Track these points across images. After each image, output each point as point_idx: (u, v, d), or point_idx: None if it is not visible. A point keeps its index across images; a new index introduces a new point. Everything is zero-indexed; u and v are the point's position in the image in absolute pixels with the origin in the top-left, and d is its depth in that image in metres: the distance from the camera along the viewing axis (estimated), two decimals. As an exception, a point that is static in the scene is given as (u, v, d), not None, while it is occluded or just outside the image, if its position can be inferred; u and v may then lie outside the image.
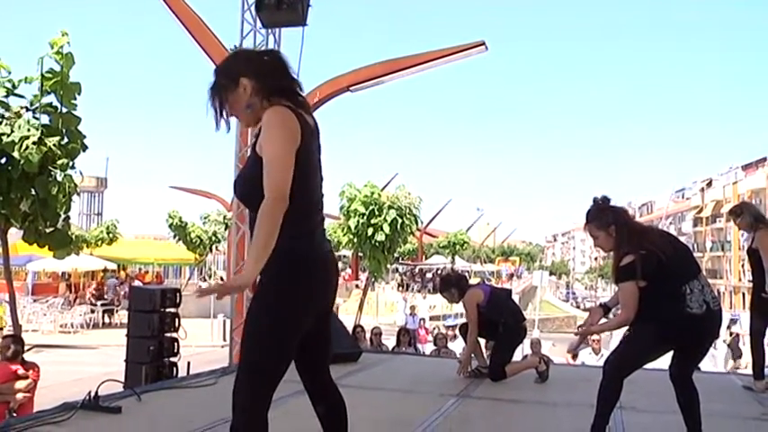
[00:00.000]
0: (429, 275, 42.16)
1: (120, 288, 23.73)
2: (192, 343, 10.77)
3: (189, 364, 6.17)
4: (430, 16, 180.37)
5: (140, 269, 30.39)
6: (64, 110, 7.50)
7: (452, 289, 5.84)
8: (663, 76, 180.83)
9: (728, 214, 5.97)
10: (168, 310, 6.23)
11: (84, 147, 7.64)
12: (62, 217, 7.70)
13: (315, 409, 2.47)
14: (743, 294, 44.93)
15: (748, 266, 5.51)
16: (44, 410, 4.06)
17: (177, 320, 6.33)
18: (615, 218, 3.53)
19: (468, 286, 5.88)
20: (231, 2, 7.31)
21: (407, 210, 18.24)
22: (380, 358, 7.20)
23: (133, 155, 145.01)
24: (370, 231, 17.87)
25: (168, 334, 6.21)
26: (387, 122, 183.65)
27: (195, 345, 12.97)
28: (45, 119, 7.48)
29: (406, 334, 11.48)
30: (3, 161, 7.20)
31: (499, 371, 5.50)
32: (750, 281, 5.34)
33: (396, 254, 25.59)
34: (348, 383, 4.67)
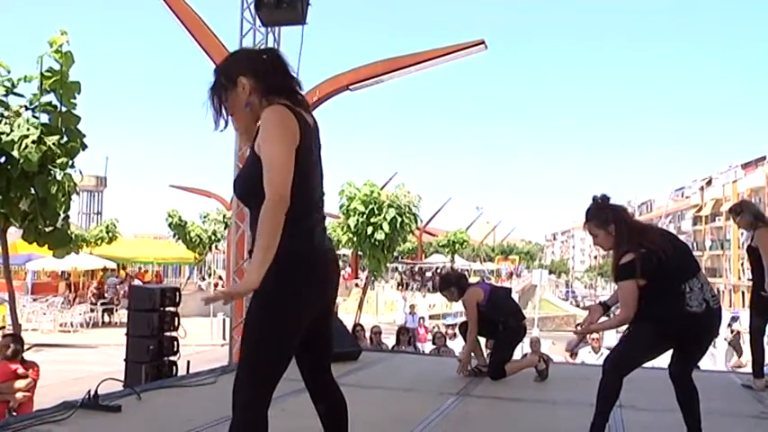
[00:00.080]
0: (429, 274, 42.14)
1: (119, 287, 23.73)
2: (192, 342, 10.76)
3: (189, 363, 6.17)
4: (429, 15, 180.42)
5: (140, 268, 30.37)
6: (63, 109, 7.49)
7: (452, 288, 5.84)
8: (662, 75, 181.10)
9: (728, 213, 5.97)
10: (168, 309, 6.23)
11: (83, 146, 7.63)
12: (61, 216, 7.70)
13: (316, 408, 2.47)
14: (742, 293, 44.96)
15: (748, 265, 5.51)
16: (44, 409, 4.06)
17: (177, 319, 6.33)
18: (615, 216, 3.53)
19: (467, 285, 5.89)
20: (231, 0, 7.32)
21: (407, 208, 18.25)
22: (380, 357, 7.21)
23: (133, 154, 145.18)
24: (369, 230, 17.88)
25: (168, 333, 6.21)
26: (386, 121, 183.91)
27: (195, 344, 12.96)
28: (44, 118, 7.48)
29: (406, 333, 11.49)
30: (2, 160, 7.20)
31: (499, 369, 5.50)
32: (750, 279, 5.34)
33: (395, 253, 25.62)
34: (348, 382, 4.66)
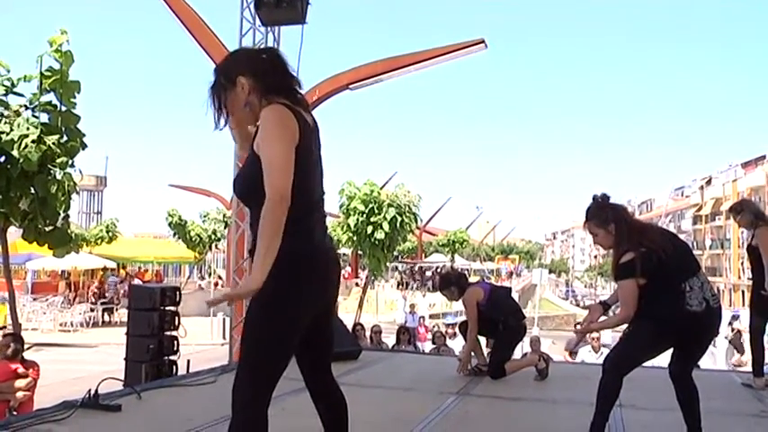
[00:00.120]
0: (429, 274, 42.15)
1: (119, 286, 23.73)
2: (192, 341, 10.76)
3: (189, 363, 6.17)
4: (429, 14, 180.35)
5: (140, 267, 30.36)
6: (63, 108, 7.48)
7: (452, 287, 5.84)
8: (662, 74, 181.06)
9: (729, 211, 5.97)
10: (168, 309, 6.24)
11: (83, 145, 7.62)
12: (61, 215, 7.69)
13: (316, 407, 2.47)
14: (742, 292, 44.96)
15: (748, 264, 5.51)
16: (44, 409, 4.06)
17: (177, 319, 6.34)
18: (615, 215, 3.53)
19: (467, 284, 5.89)
20: (230, 0, 7.31)
21: (407, 208, 18.24)
22: (380, 356, 7.21)
23: (133, 153, 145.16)
24: (369, 229, 17.87)
25: (168, 332, 6.22)
26: (386, 120, 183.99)
27: (195, 343, 12.96)
28: (44, 117, 7.46)
29: (406, 332, 11.50)
30: (2, 160, 7.19)
31: (499, 369, 5.50)
32: (750, 278, 5.34)
33: (395, 252, 25.60)
34: (348, 381, 4.66)
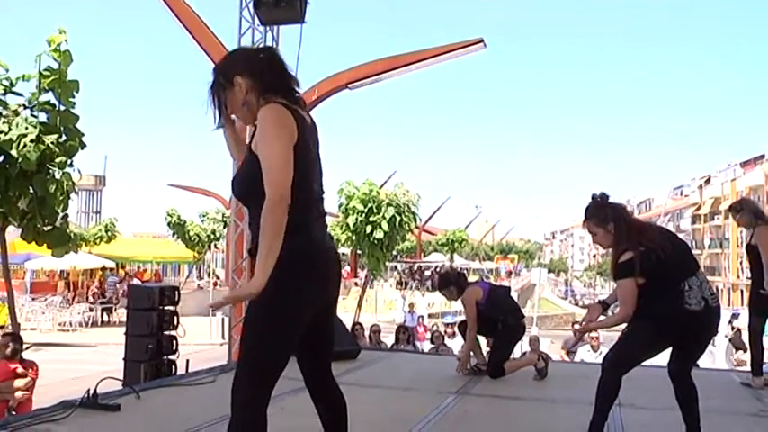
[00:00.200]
0: (428, 273, 42.13)
1: (119, 286, 23.72)
2: (191, 341, 10.75)
3: (188, 362, 6.17)
4: (428, 14, 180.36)
5: (139, 267, 30.34)
6: (62, 108, 7.46)
7: (451, 286, 5.84)
8: (661, 73, 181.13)
9: (728, 210, 5.97)
10: (167, 308, 6.23)
11: (82, 145, 7.61)
12: (60, 215, 7.68)
13: (315, 407, 2.47)
14: (741, 291, 45.01)
15: (747, 263, 5.51)
16: (43, 408, 4.05)
17: (176, 318, 6.33)
18: (614, 214, 3.53)
19: (466, 284, 5.88)
20: (229, -1, 7.30)
21: (406, 207, 18.23)
22: (379, 356, 7.21)
23: (132, 153, 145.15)
24: (368, 229, 17.86)
25: (167, 332, 6.21)
26: (385, 120, 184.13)
27: (194, 342, 12.94)
28: (43, 117, 7.45)
29: (405, 331, 11.50)
30: (1, 159, 7.18)
31: (498, 368, 5.50)
32: (749, 278, 5.34)
33: (394, 251, 25.61)
34: (347, 381, 4.66)
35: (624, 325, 3.50)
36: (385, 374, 6.05)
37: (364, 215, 17.88)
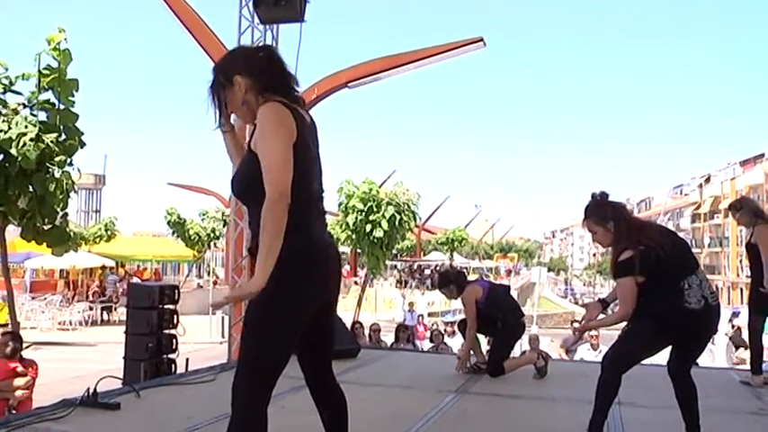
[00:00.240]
0: (427, 272, 42.16)
1: (119, 285, 23.72)
2: (191, 339, 10.75)
3: (187, 361, 6.17)
4: (428, 12, 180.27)
5: (138, 266, 30.35)
6: (61, 106, 7.46)
7: (451, 285, 5.84)
8: (661, 72, 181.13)
9: (728, 209, 5.97)
10: (167, 307, 6.24)
11: (81, 143, 7.60)
12: (60, 214, 7.68)
13: (316, 405, 2.47)
14: (741, 290, 45.02)
15: (746, 262, 5.51)
16: (43, 407, 4.05)
17: (176, 317, 6.34)
18: (614, 213, 3.53)
19: (466, 282, 5.88)
20: (229, -2, 7.28)
21: (406, 206, 18.23)
22: (379, 354, 7.21)
23: (131, 152, 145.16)
24: (368, 228, 17.86)
25: (167, 331, 6.22)
26: (385, 119, 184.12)
27: (194, 341, 12.94)
28: (42, 115, 7.44)
29: (405, 330, 11.51)
30: (0, 158, 7.18)
31: (497, 366, 5.50)
32: (748, 276, 5.34)
33: (394, 250, 25.61)
34: (347, 379, 4.66)
35: (624, 323, 3.50)
36: (385, 373, 6.05)
37: (364, 214, 17.88)
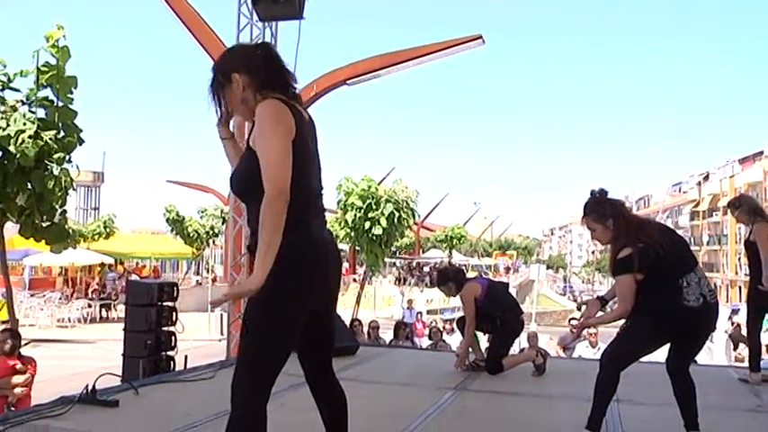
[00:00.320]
0: (426, 269, 42.19)
1: (118, 282, 23.71)
2: (190, 337, 10.76)
3: (186, 358, 6.18)
4: (427, 9, 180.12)
5: (137, 263, 30.35)
6: (60, 104, 7.46)
7: (450, 283, 5.84)
8: (660, 70, 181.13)
9: (727, 206, 5.98)
10: (165, 304, 6.24)
11: (80, 141, 7.60)
12: (59, 211, 7.68)
13: (316, 403, 2.47)
14: (739, 288, 45.07)
15: (745, 259, 5.51)
16: (42, 404, 4.05)
17: (174, 314, 6.34)
18: (613, 210, 3.53)
19: (465, 280, 5.89)
20: (228, -4, 7.27)
21: (404, 203, 18.20)
22: (378, 351, 7.21)
23: (130, 149, 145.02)
24: (367, 225, 17.83)
25: (166, 328, 6.22)
26: (384, 116, 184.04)
27: (193, 338, 12.97)
28: (41, 113, 7.44)
29: (404, 328, 11.52)
30: (-1, 155, 7.18)
31: (496, 364, 5.51)
32: (747, 274, 5.35)
33: (393, 248, 25.59)
34: (346, 376, 4.62)
35: (623, 321, 3.51)
36: (383, 370, 6.05)
37: (363, 211, 17.85)
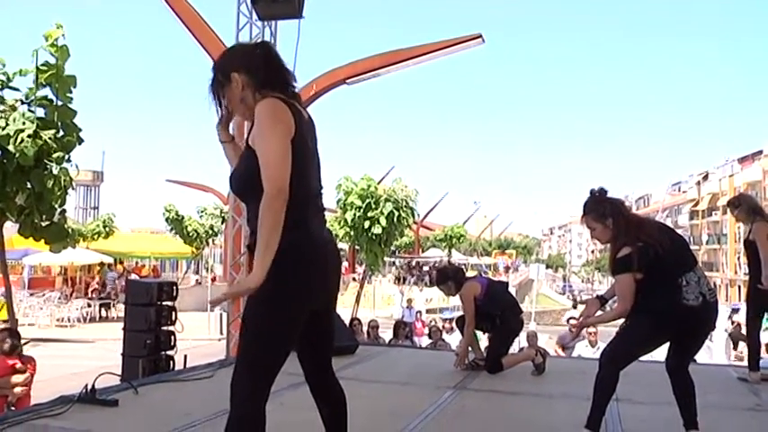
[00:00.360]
0: (426, 268, 42.19)
1: (117, 282, 23.69)
2: (189, 336, 10.73)
3: (186, 358, 6.18)
4: (427, 8, 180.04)
5: (137, 263, 30.34)
6: (59, 103, 7.45)
7: (449, 282, 5.84)
8: (660, 70, 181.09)
9: (727, 205, 5.98)
10: (165, 304, 6.24)
11: (79, 140, 7.60)
12: (58, 210, 7.67)
13: (315, 402, 2.47)
14: (739, 287, 45.09)
15: (745, 259, 5.52)
16: (41, 404, 4.05)
17: (174, 314, 6.33)
18: (612, 209, 3.53)
19: (464, 279, 5.89)
20: (227, -6, 7.26)
21: (404, 203, 18.19)
22: (377, 351, 7.21)
23: (130, 149, 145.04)
24: (366, 224, 17.83)
25: (165, 327, 6.22)
26: (383, 115, 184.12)
27: (192, 338, 12.95)
28: (40, 112, 7.43)
29: (403, 327, 11.52)
30: (-2, 155, 7.17)
31: (496, 363, 5.51)
32: (746, 273, 5.35)
33: (392, 247, 25.59)
34: (345, 376, 4.62)
35: (622, 320, 3.51)
36: (383, 369, 6.05)
37: (362, 210, 17.84)
